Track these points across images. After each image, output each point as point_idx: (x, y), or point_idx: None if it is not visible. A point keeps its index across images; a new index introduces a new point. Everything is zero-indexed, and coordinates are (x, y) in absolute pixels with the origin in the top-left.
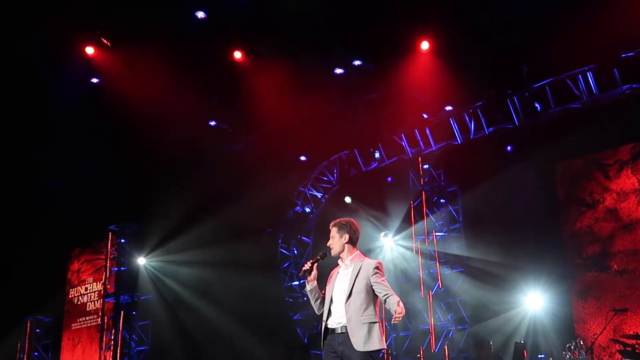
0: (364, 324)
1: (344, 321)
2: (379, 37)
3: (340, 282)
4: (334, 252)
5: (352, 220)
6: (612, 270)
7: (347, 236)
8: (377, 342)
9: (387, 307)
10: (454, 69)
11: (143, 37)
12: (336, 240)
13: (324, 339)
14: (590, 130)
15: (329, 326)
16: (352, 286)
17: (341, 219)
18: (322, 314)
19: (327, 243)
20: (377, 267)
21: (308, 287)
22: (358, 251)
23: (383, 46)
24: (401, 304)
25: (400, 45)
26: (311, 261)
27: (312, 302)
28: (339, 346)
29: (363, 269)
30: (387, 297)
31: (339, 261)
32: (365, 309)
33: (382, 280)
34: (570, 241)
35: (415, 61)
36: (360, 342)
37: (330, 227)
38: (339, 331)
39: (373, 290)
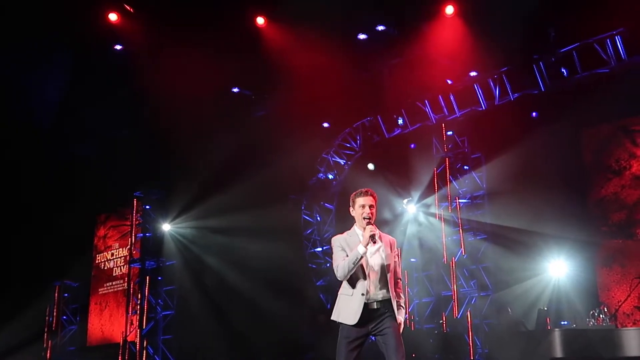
0: None
1: None
2: (403, 1)
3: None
4: (372, 222)
5: None
6: (638, 237)
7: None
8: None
9: None
10: (479, 33)
11: (165, 3)
12: (375, 210)
13: None
14: (618, 95)
15: None
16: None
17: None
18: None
19: (370, 210)
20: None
21: (362, 252)
22: None
23: (407, 11)
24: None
25: (425, 9)
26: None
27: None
28: None
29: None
30: None
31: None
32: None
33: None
34: (595, 208)
35: (439, 26)
36: None
37: (372, 195)
38: None
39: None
